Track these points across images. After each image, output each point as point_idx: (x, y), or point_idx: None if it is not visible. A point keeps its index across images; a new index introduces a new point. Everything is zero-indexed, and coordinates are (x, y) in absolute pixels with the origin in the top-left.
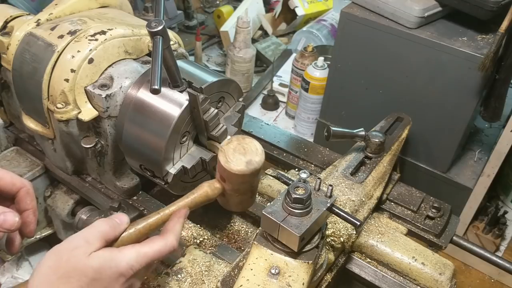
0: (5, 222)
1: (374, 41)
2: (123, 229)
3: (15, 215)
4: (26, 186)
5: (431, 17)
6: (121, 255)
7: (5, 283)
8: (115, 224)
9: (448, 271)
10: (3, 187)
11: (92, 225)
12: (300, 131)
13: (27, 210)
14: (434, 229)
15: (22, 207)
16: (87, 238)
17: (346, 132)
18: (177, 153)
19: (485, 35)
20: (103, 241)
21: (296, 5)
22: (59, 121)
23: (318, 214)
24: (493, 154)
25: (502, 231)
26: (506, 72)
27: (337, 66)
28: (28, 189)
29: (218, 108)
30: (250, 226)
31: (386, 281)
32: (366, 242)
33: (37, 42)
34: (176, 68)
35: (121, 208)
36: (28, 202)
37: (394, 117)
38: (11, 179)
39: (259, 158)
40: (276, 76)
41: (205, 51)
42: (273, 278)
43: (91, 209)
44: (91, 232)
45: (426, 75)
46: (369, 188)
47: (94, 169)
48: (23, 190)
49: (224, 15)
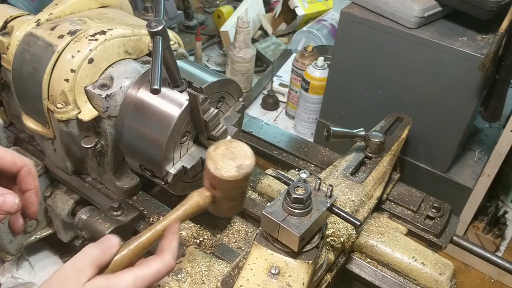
0: (4, 204)
1: (374, 41)
2: (115, 251)
3: (15, 197)
4: (28, 165)
5: (431, 17)
6: (119, 281)
7: (5, 283)
8: (105, 248)
9: (448, 271)
10: (3, 167)
11: (82, 251)
12: (300, 131)
13: (29, 190)
14: (434, 229)
15: (24, 187)
16: (77, 267)
17: (346, 132)
18: (177, 153)
19: (485, 35)
20: (95, 267)
21: (296, 5)
22: (59, 121)
23: (318, 214)
24: (493, 154)
25: (502, 231)
26: (506, 72)
27: (337, 66)
28: (30, 169)
29: (218, 108)
30: (250, 226)
31: (386, 281)
32: (366, 242)
33: (37, 42)
34: (176, 68)
35: (121, 208)
36: (29, 182)
37: (394, 117)
38: (12, 158)
39: (249, 161)
40: (276, 76)
41: (205, 51)
42: (273, 278)
43: (91, 209)
44: (81, 259)
45: (426, 75)
46: (369, 188)
47: (94, 169)
48: (24, 169)
49: (224, 15)
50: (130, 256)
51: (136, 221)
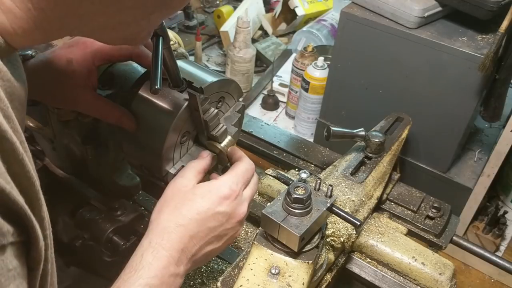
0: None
1: (374, 41)
2: (210, 160)
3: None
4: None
5: (431, 17)
6: (220, 182)
7: None
8: (202, 159)
9: (448, 271)
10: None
11: (187, 166)
12: (300, 131)
13: None
14: (434, 229)
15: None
16: (187, 176)
17: (346, 132)
18: (177, 153)
19: (485, 35)
20: (198, 176)
21: (296, 5)
22: (59, 121)
23: (318, 214)
24: (493, 154)
25: (502, 231)
26: (506, 72)
27: (337, 66)
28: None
29: (218, 108)
30: (250, 226)
31: (386, 281)
32: (366, 242)
33: None
34: (176, 68)
35: (121, 208)
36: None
37: (394, 117)
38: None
39: None
40: (276, 76)
41: (205, 51)
42: (273, 278)
43: (91, 209)
44: (186, 170)
45: (426, 75)
46: (369, 188)
47: (94, 169)
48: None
49: (224, 15)
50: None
51: (136, 221)
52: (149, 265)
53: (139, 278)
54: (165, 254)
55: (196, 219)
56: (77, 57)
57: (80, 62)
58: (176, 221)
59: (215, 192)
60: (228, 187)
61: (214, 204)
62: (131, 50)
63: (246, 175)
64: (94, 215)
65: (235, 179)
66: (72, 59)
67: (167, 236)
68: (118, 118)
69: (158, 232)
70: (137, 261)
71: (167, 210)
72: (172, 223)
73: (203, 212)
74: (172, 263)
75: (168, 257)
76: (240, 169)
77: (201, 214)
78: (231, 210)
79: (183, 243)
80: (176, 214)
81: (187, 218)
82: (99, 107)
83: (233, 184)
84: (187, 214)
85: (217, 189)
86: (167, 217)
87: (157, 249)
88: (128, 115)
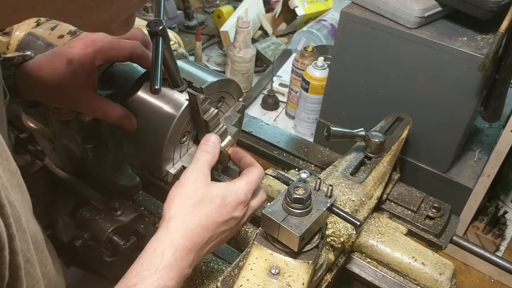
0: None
1: (374, 41)
2: (219, 149)
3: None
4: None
5: (431, 17)
6: (236, 186)
7: None
8: (212, 149)
9: (448, 271)
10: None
11: (196, 157)
12: (300, 131)
13: None
14: (434, 229)
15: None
16: (200, 169)
17: (346, 132)
18: (177, 153)
19: (485, 35)
20: (210, 168)
21: (296, 5)
22: (59, 121)
23: (318, 214)
24: (493, 154)
25: (502, 231)
26: (506, 72)
27: (337, 66)
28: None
29: (218, 108)
30: (250, 226)
31: (386, 281)
32: (366, 242)
33: (37, 42)
34: (176, 68)
35: (121, 208)
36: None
37: (394, 117)
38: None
39: None
40: (276, 76)
41: (205, 51)
42: (273, 278)
43: (91, 209)
44: (200, 164)
45: (426, 75)
46: (369, 188)
47: (94, 169)
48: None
49: (224, 15)
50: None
51: (136, 221)
52: (170, 267)
53: (159, 279)
54: (186, 258)
55: (217, 222)
56: (77, 57)
57: (80, 62)
58: (200, 222)
59: (235, 197)
60: (244, 193)
61: (232, 208)
62: (131, 50)
63: (258, 182)
64: (94, 215)
65: (250, 187)
66: (72, 59)
67: (191, 237)
68: (118, 118)
69: (183, 233)
70: (157, 259)
71: (190, 208)
72: (196, 224)
73: (224, 216)
74: (189, 266)
75: (187, 260)
76: (254, 177)
77: (222, 217)
78: (241, 216)
79: (201, 245)
80: (201, 214)
81: (210, 221)
82: (99, 107)
83: (248, 191)
84: (210, 217)
85: (235, 194)
86: (191, 217)
87: (180, 250)
88: (128, 115)
